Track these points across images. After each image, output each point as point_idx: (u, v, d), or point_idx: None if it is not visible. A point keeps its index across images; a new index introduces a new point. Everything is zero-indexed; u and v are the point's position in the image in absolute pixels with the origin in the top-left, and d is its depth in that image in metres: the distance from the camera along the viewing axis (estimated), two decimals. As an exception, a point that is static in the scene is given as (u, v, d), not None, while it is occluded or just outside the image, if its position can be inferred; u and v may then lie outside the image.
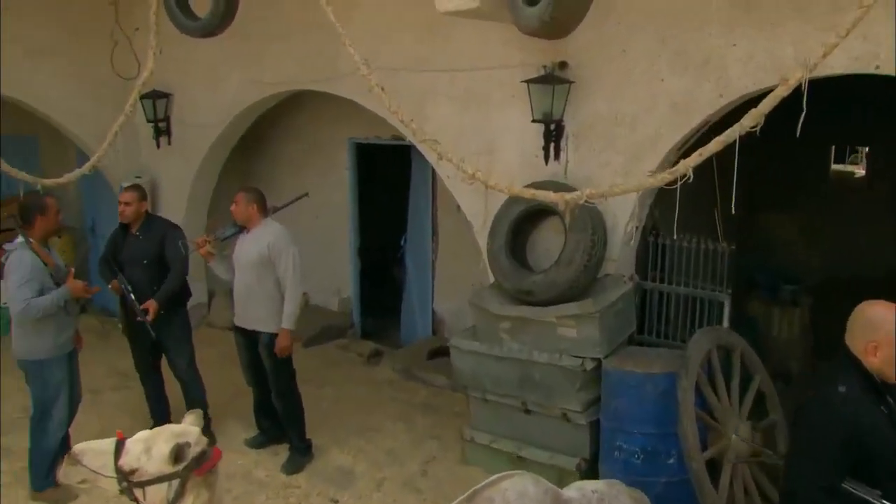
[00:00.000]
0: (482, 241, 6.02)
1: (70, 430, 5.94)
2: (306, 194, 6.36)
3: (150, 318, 5.89)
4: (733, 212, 3.92)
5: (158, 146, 8.66)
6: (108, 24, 7.34)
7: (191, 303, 7.02)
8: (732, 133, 3.35)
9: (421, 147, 4.60)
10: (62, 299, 5.25)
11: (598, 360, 5.08)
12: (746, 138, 3.05)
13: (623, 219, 5.39)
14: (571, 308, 5.06)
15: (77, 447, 3.05)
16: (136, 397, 6.67)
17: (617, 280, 5.42)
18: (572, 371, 5.05)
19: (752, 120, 3.23)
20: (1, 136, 9.59)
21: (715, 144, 3.43)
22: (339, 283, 9.41)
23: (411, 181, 8.64)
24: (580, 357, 5.08)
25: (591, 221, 5.15)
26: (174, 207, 8.87)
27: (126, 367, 6.52)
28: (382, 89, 4.32)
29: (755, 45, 4.68)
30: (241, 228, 5.89)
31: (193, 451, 3.02)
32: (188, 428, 3.17)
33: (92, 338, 6.03)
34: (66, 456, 2.99)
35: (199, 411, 3.36)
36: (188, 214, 8.84)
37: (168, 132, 8.63)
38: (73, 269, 5.43)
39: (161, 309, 5.95)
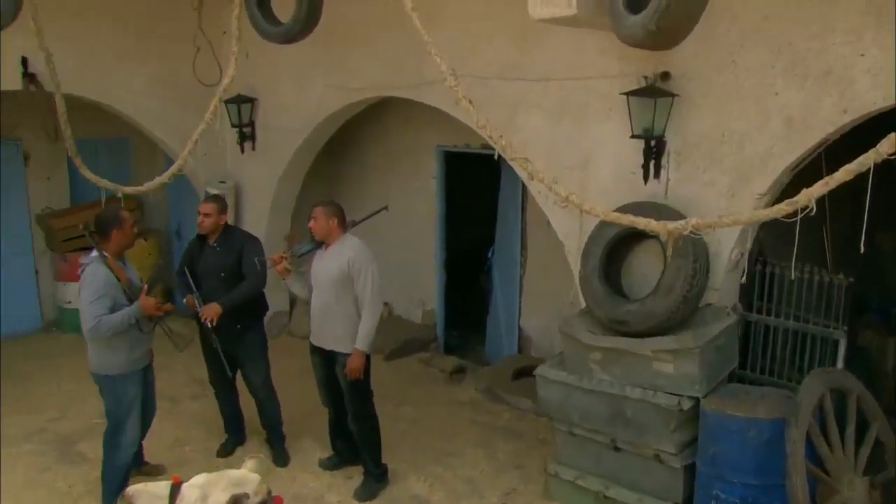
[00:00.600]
0: (574, 263, 5.66)
1: (144, 442, 5.86)
2: (386, 208, 6.11)
3: (207, 318, 5.74)
4: (862, 250, 3.46)
5: (242, 151, 8.53)
6: (193, 30, 7.21)
7: (271, 311, 6.86)
8: (867, 160, 2.93)
9: (511, 163, 4.27)
10: (133, 317, 5.10)
11: (697, 400, 4.65)
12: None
13: (728, 245, 4.94)
14: (669, 342, 4.65)
15: (131, 488, 2.88)
16: (213, 408, 6.51)
17: (719, 311, 4.98)
18: (667, 410, 4.64)
19: (892, 146, 2.82)
20: (78, 139, 9.71)
21: (844, 173, 3.01)
22: (423, 295, 9.14)
23: (500, 191, 8.30)
24: (676, 395, 4.66)
25: (693, 247, 4.72)
26: (257, 213, 8.75)
27: (206, 375, 6.37)
28: (470, 102, 4.02)
29: (887, 56, 4.18)
30: (319, 244, 5.65)
31: (252, 503, 2.77)
32: (247, 476, 2.92)
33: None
34: (120, 496, 2.86)
35: (260, 456, 3.13)
36: (271, 220, 8.70)
37: (252, 137, 8.49)
38: (145, 287, 5.26)
39: (224, 312, 5.76)
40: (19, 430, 6.94)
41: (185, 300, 5.98)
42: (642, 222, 3.52)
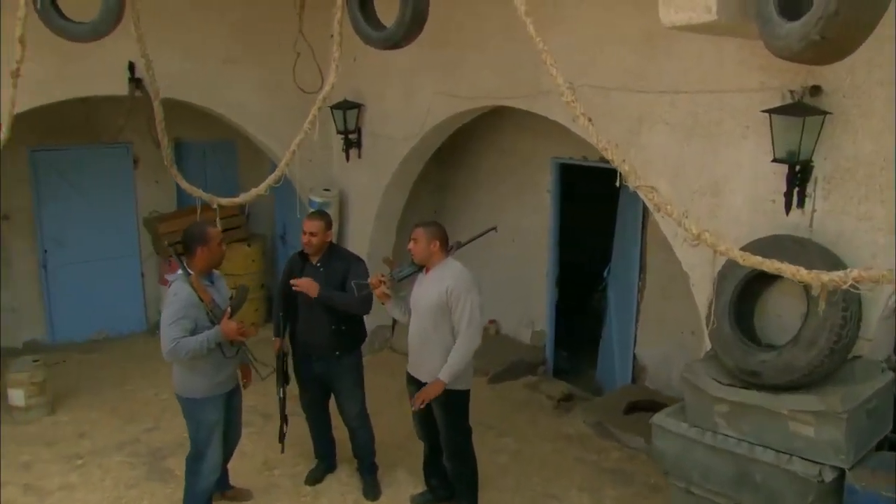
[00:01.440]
0: (699, 298, 5.04)
1: (231, 463, 5.60)
2: (494, 229, 5.62)
3: (304, 288, 5.44)
4: None
5: (348, 159, 8.20)
6: (295, 34, 6.89)
7: (373, 325, 6.50)
8: None
9: (636, 190, 3.74)
10: (213, 342, 4.80)
11: (841, 471, 3.97)
12: None
13: (885, 289, 4.23)
14: (811, 401, 3.99)
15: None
16: (306, 429, 6.17)
17: (871, 367, 4.27)
18: (805, 480, 3.98)
19: None
20: (186, 142, 9.74)
21: None
22: (533, 314, 8.63)
23: (619, 208, 7.70)
24: (817, 463, 3.99)
25: (842, 293, 4.05)
26: (362, 223, 8.42)
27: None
28: (590, 121, 3.51)
29: None
30: (420, 267, 5.23)
31: None
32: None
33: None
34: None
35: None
36: (376, 230, 8.34)
37: (358, 144, 8.15)
38: (228, 310, 4.95)
39: (318, 300, 5.46)
40: (113, 440, 6.88)
41: (273, 336, 5.79)
42: (790, 270, 2.94)
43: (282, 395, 5.81)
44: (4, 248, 9.02)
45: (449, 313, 5.02)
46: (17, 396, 7.22)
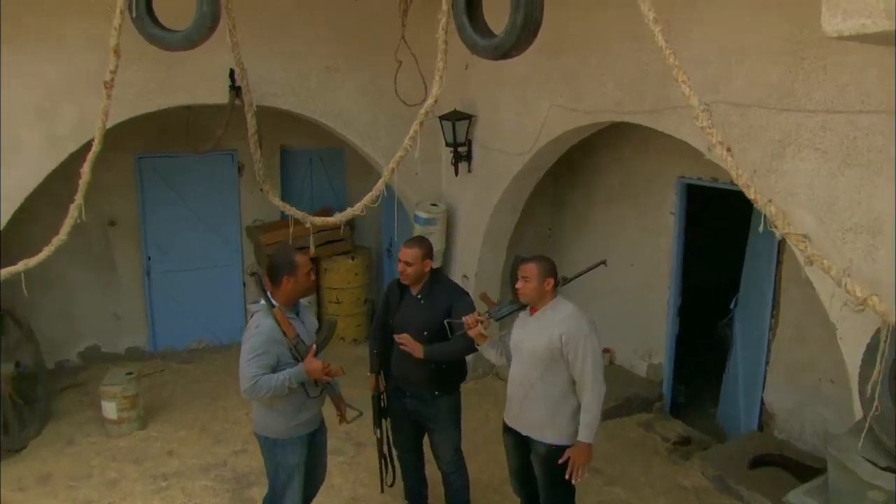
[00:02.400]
0: (847, 350, 4.30)
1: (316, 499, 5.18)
2: (604, 262, 5.04)
3: (407, 347, 4.96)
4: None
5: (457, 173, 7.70)
6: (397, 41, 6.40)
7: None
8: None
9: (786, 238, 3.11)
10: (295, 381, 4.37)
11: None
12: None
13: None
14: None
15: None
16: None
17: None
18: None
19: None
20: (293, 149, 9.50)
21: None
22: (651, 345, 7.95)
23: (751, 234, 6.95)
24: None
25: None
26: (470, 240, 7.92)
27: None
28: (728, 150, 2.91)
29: None
30: (523, 306, 4.68)
31: None
32: None
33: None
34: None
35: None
36: (484, 249, 7.83)
37: (468, 157, 7.64)
38: (314, 347, 4.51)
39: (422, 358, 4.96)
40: (200, 461, 6.69)
41: (369, 373, 5.40)
42: None
43: (379, 435, 5.45)
44: (110, 254, 8.96)
45: (560, 361, 4.46)
46: (109, 409, 7.11)
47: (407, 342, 4.94)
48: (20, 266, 5.58)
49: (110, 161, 8.37)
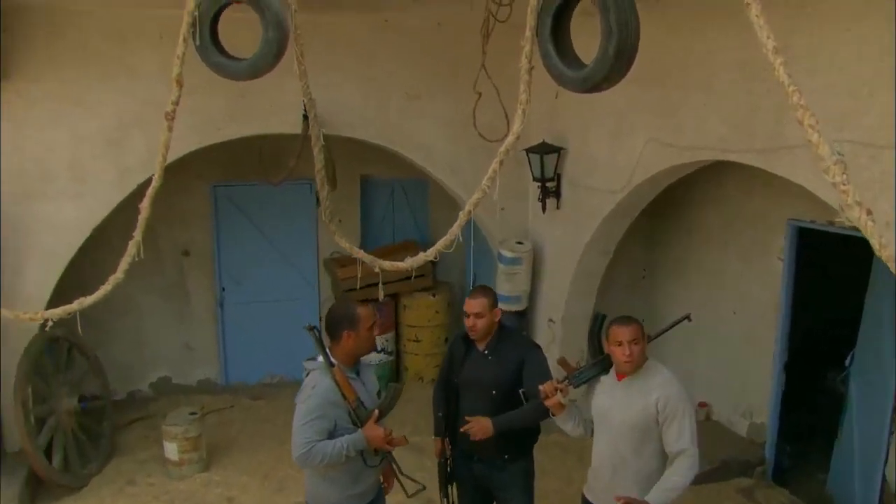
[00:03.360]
0: None
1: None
2: (688, 318, 4.42)
3: (473, 434, 4.46)
4: None
5: (544, 209, 7.15)
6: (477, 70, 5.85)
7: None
8: None
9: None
10: (354, 449, 3.91)
11: None
12: None
13: None
14: None
15: None
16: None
17: None
18: None
19: None
20: (375, 179, 9.17)
21: None
22: (752, 402, 7.25)
23: (872, 284, 6.19)
24: None
25: None
26: (558, 282, 7.38)
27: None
28: (869, 214, 2.33)
29: None
30: (606, 369, 4.13)
31: None
32: None
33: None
34: None
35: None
36: (573, 292, 7.25)
37: (557, 193, 7.09)
38: (376, 413, 4.04)
39: (495, 432, 4.45)
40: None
41: (434, 433, 4.90)
42: None
43: None
44: (184, 283, 8.75)
45: (654, 431, 3.95)
46: (171, 450, 6.84)
47: (473, 426, 4.47)
48: (75, 305, 5.29)
49: (185, 189, 8.22)
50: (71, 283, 6.25)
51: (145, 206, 5.24)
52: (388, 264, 5.26)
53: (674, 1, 5.43)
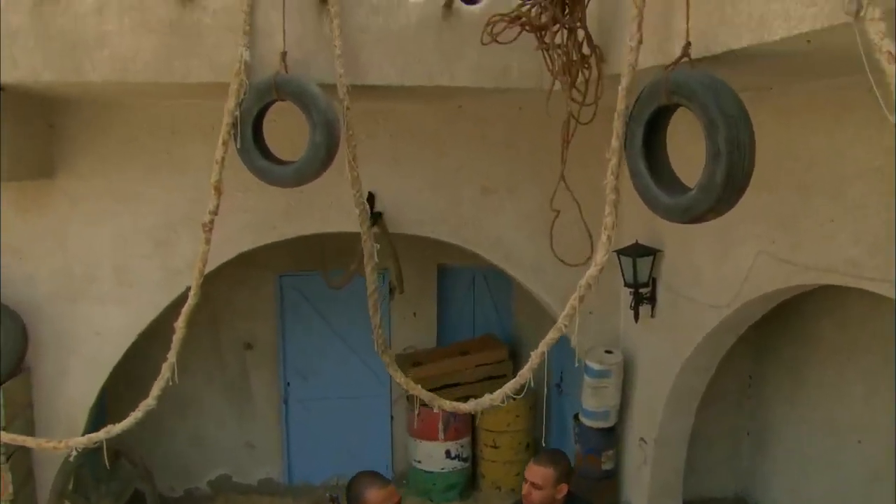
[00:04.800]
0: None
1: None
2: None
3: None
4: None
5: (636, 317, 6.28)
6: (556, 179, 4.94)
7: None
8: None
9: None
10: None
11: None
12: None
13: None
14: None
15: None
16: None
17: None
18: None
19: None
20: (454, 266, 8.52)
21: None
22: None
23: None
24: None
25: None
26: (650, 401, 6.47)
27: None
28: None
29: None
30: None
31: None
32: None
33: None
34: None
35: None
36: (668, 410, 6.30)
37: (652, 300, 6.23)
38: None
39: None
40: None
41: None
42: None
43: None
44: (246, 379, 8.22)
45: None
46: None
47: None
48: (101, 434, 4.84)
49: (249, 279, 7.73)
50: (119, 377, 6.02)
51: (180, 325, 4.74)
52: (448, 404, 4.61)
53: (792, 89, 4.59)
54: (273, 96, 4.38)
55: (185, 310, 4.66)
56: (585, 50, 4.02)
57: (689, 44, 3.17)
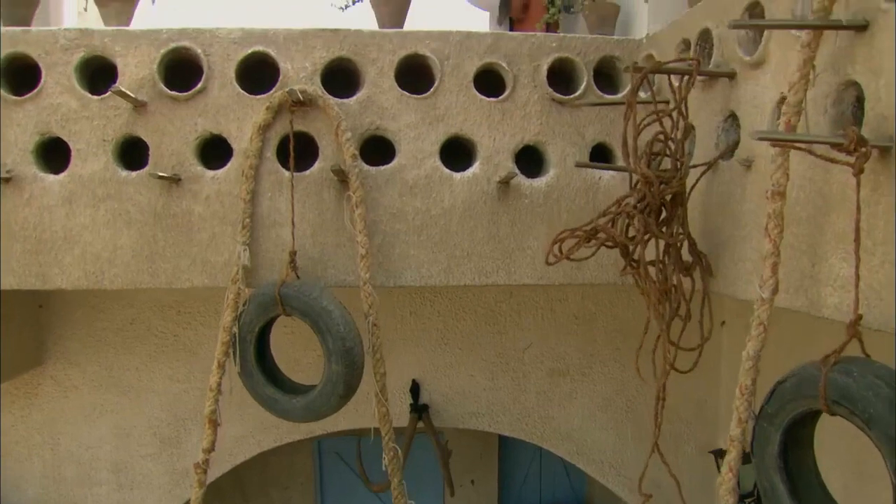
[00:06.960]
0: None
1: None
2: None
3: None
4: None
5: (744, 532, 5.11)
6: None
7: None
8: None
9: None
10: None
11: None
12: None
13: None
14: None
15: None
16: None
17: None
18: None
19: None
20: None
21: None
22: None
23: None
24: None
25: None
26: None
27: None
28: None
29: None
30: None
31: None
32: None
33: None
34: None
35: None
36: None
37: (760, 511, 5.06)
38: None
39: None
40: None
41: None
42: None
43: None
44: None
45: None
46: None
47: None
48: None
49: (282, 449, 6.74)
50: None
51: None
52: None
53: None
54: (278, 311, 3.42)
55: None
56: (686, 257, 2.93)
57: (859, 317, 2.08)
